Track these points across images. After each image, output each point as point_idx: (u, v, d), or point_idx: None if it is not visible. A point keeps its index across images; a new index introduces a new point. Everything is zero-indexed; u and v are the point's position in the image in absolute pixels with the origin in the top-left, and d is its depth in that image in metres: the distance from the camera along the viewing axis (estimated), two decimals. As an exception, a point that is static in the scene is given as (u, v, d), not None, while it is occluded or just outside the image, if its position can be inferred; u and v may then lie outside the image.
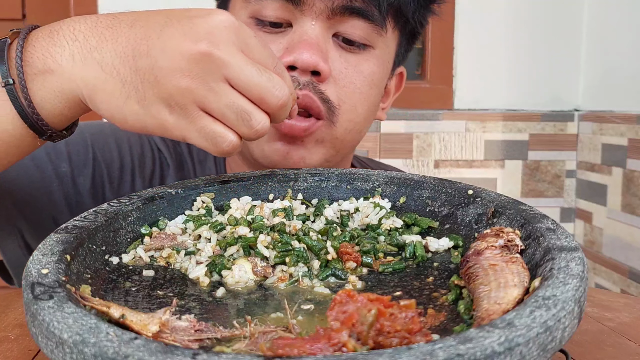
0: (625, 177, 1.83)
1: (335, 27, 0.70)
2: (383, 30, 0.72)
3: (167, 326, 0.35)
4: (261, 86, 0.49)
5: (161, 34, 0.48)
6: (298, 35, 0.69)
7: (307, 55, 0.67)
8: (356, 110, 0.73)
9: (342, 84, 0.71)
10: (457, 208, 0.55)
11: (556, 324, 0.31)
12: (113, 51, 0.49)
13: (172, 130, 0.49)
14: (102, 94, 0.50)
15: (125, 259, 0.48)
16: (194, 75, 0.47)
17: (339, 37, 0.71)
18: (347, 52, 0.72)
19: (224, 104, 0.48)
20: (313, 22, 0.69)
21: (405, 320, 0.33)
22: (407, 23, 0.76)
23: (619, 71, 1.88)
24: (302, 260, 0.48)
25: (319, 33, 0.69)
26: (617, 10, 1.90)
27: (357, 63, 0.72)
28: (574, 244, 0.41)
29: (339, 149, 0.75)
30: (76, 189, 0.75)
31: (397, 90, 0.88)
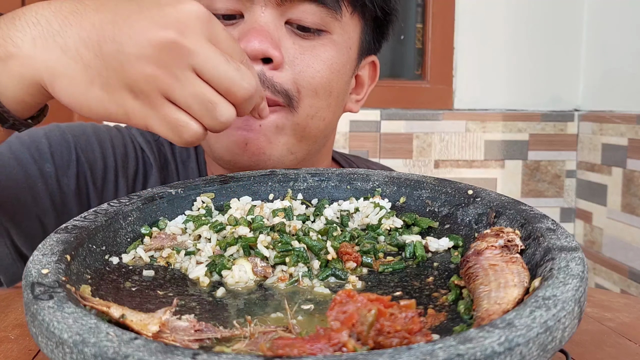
0: (625, 177, 1.83)
1: (287, 14, 0.68)
2: (338, 15, 0.69)
3: (167, 326, 0.35)
4: (228, 76, 0.48)
5: (128, 20, 0.48)
6: (248, 24, 0.67)
7: (255, 43, 0.65)
8: (317, 94, 0.70)
9: (298, 69, 0.68)
10: (457, 208, 0.55)
11: (556, 324, 0.31)
12: (77, 35, 0.48)
13: (135, 118, 0.49)
14: (64, 80, 0.49)
15: (125, 259, 0.48)
16: (160, 62, 0.47)
17: (292, 25, 0.69)
18: (302, 38, 0.69)
19: (188, 93, 0.48)
20: (263, 10, 0.67)
21: (405, 320, 0.33)
22: (365, 7, 0.73)
23: (619, 71, 1.88)
24: (302, 260, 0.48)
25: (269, 20, 0.67)
26: (617, 10, 1.90)
27: (313, 48, 0.70)
28: (574, 244, 0.41)
29: (302, 136, 0.72)
30: (61, 189, 0.75)
31: (372, 81, 0.85)
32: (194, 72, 0.48)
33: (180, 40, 0.47)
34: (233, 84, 0.49)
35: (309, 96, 0.69)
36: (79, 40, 0.48)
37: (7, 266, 0.75)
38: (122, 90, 0.48)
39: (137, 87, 0.47)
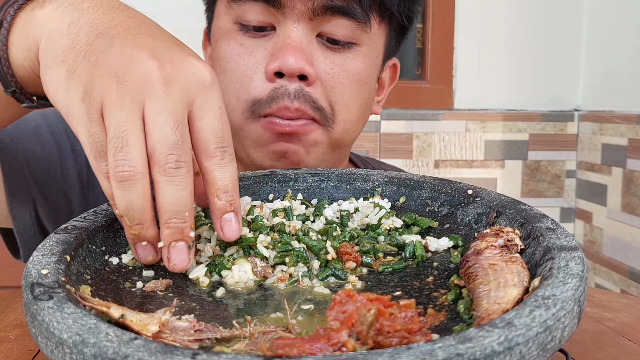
0: (625, 177, 1.83)
1: (318, 28, 0.69)
2: (367, 27, 0.71)
3: (166, 326, 0.35)
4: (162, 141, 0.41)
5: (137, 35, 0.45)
6: (281, 39, 0.68)
7: (292, 61, 0.66)
8: (350, 109, 0.73)
9: (330, 85, 0.70)
10: (456, 208, 0.55)
11: (556, 324, 0.31)
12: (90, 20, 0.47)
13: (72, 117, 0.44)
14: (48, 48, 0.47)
15: (125, 259, 0.48)
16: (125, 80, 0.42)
17: (323, 37, 0.70)
18: (332, 51, 0.71)
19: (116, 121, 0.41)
20: (295, 24, 0.68)
21: (405, 320, 0.33)
22: (392, 17, 0.75)
23: (619, 71, 1.88)
24: (302, 261, 0.48)
25: (302, 35, 0.68)
26: (617, 10, 1.90)
27: (343, 62, 0.71)
28: (574, 243, 0.41)
29: (336, 148, 0.75)
30: (89, 168, 0.77)
31: (391, 82, 0.87)
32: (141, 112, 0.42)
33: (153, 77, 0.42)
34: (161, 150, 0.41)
35: (343, 111, 0.72)
36: (88, 23, 0.47)
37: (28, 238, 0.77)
38: (79, 85, 0.44)
39: (90, 88, 0.43)
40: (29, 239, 0.77)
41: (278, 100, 0.68)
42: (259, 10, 0.69)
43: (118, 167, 0.41)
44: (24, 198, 0.75)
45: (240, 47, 0.71)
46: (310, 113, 0.69)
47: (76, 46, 0.45)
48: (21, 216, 0.76)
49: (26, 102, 0.53)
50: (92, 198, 0.79)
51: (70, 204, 0.78)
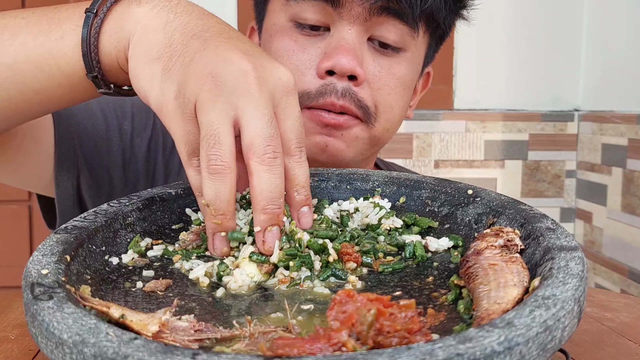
0: (625, 177, 1.83)
1: (370, 31, 0.73)
2: (416, 34, 0.75)
3: (167, 326, 0.35)
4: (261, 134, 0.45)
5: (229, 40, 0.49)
6: (336, 40, 0.72)
7: (345, 61, 0.70)
8: (393, 110, 0.77)
9: (376, 86, 0.74)
10: (457, 208, 0.55)
11: (556, 324, 0.31)
12: (185, 21, 0.50)
13: (165, 114, 0.48)
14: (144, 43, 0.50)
15: (125, 259, 0.48)
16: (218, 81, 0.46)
17: (374, 41, 0.74)
18: (381, 55, 0.75)
19: (209, 120, 0.45)
20: (350, 26, 0.72)
21: (405, 320, 0.33)
22: (438, 27, 0.79)
23: (619, 71, 1.89)
24: (306, 265, 0.47)
25: (355, 38, 0.72)
26: (617, 10, 1.90)
27: (390, 66, 0.75)
28: (574, 243, 0.41)
29: (374, 145, 0.79)
30: (132, 148, 0.82)
31: (423, 89, 0.92)
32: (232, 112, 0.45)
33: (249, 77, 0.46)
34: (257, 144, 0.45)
35: (386, 112, 0.76)
36: (183, 24, 0.50)
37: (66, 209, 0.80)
38: (173, 83, 0.48)
39: (184, 87, 0.47)
40: (67, 209, 0.80)
41: (325, 96, 0.72)
42: (316, 9, 0.72)
43: (211, 161, 0.44)
44: (71, 168, 0.78)
45: (295, 43, 0.75)
46: (354, 110, 0.73)
47: (172, 45, 0.49)
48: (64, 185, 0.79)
49: (104, 89, 0.56)
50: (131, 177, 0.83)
51: (111, 180, 0.82)
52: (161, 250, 0.50)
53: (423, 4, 0.72)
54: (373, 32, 0.73)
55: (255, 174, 0.45)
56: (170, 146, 0.84)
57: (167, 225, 0.55)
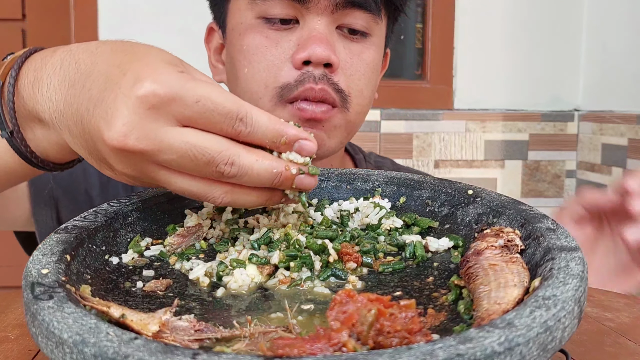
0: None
1: (338, 20, 0.76)
2: (379, 19, 0.79)
3: (167, 326, 0.35)
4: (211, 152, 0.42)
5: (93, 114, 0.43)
6: (307, 32, 0.75)
7: (319, 50, 0.72)
8: (363, 94, 0.80)
9: (349, 72, 0.77)
10: (457, 208, 0.55)
11: (556, 324, 0.31)
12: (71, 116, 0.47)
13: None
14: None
15: (125, 259, 0.48)
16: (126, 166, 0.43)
17: (342, 29, 0.78)
18: (351, 41, 0.78)
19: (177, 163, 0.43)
20: (319, 18, 0.75)
21: (405, 320, 0.33)
22: (396, 10, 0.84)
23: (619, 71, 1.88)
24: (306, 266, 0.47)
25: (325, 28, 0.75)
26: (617, 10, 1.90)
27: (360, 52, 0.79)
28: (574, 243, 0.41)
29: (350, 131, 0.82)
30: None
31: (383, 69, 0.95)
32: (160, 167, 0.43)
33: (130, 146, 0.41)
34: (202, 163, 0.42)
35: (357, 96, 0.79)
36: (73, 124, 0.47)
37: None
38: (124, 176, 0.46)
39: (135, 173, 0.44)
40: None
41: (304, 83, 0.74)
42: (284, 5, 0.75)
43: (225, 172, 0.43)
44: (47, 200, 0.79)
45: (266, 39, 0.76)
46: (331, 95, 0.75)
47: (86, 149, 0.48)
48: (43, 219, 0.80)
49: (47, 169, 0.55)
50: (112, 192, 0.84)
51: (91, 200, 0.82)
52: (158, 251, 0.50)
53: None
54: (341, 21, 0.77)
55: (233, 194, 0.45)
56: None
57: (167, 225, 0.55)
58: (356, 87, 0.78)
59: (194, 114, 0.41)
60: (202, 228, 0.53)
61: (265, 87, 0.76)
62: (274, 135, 0.44)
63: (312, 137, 0.47)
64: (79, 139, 0.45)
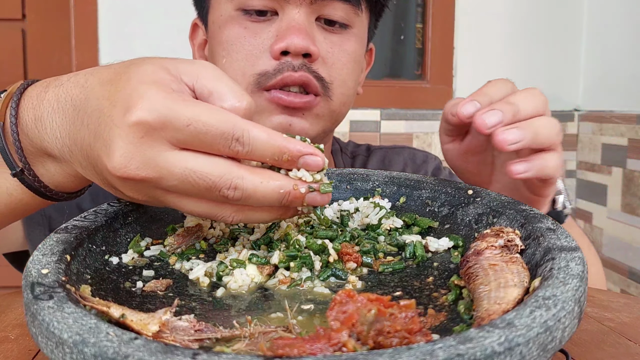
0: (625, 177, 1.83)
1: (317, 11, 0.76)
2: (359, 10, 0.79)
3: (167, 326, 0.35)
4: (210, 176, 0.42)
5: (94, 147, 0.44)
6: (286, 23, 0.74)
7: (297, 40, 0.72)
8: (346, 84, 0.80)
9: (330, 62, 0.77)
10: (457, 208, 0.55)
11: (556, 324, 0.31)
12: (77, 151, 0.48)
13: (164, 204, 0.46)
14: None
15: (125, 259, 0.48)
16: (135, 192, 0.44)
17: (321, 20, 0.77)
18: (330, 32, 0.78)
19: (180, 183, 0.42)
20: (297, 9, 0.75)
21: (405, 320, 0.33)
22: (377, 3, 0.84)
23: (619, 71, 1.88)
24: (306, 266, 0.47)
25: (304, 19, 0.75)
26: (617, 10, 1.90)
27: (341, 42, 0.78)
28: (574, 244, 0.41)
29: (335, 121, 0.82)
30: None
31: (368, 65, 0.95)
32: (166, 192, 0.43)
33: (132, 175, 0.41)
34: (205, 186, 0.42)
35: (340, 86, 0.79)
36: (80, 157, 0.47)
37: None
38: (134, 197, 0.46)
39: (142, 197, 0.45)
40: None
41: (283, 72, 0.74)
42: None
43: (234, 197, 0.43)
44: (39, 218, 0.79)
45: (245, 30, 0.76)
46: (313, 81, 0.75)
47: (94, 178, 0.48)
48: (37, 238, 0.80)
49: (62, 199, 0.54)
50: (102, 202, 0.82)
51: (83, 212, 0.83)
52: (158, 251, 0.50)
53: None
54: (320, 12, 0.76)
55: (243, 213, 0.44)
56: None
57: (167, 225, 0.55)
58: (339, 77, 0.78)
59: (187, 137, 0.41)
60: (202, 228, 0.53)
61: (243, 75, 0.76)
62: (274, 153, 0.43)
63: (319, 151, 0.44)
64: (90, 170, 0.46)
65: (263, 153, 0.43)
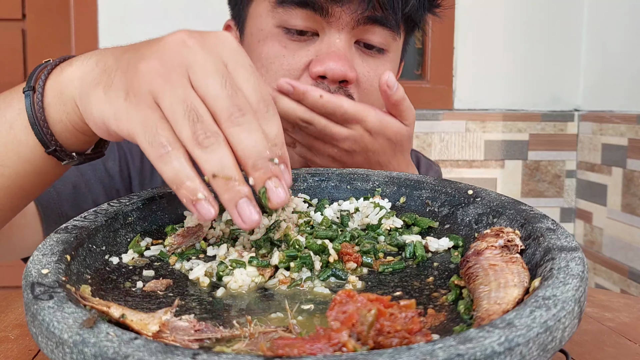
0: (625, 177, 1.83)
1: (357, 35, 0.76)
2: (398, 36, 0.79)
3: (167, 326, 0.35)
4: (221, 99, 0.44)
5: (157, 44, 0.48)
6: (326, 46, 0.75)
7: (336, 67, 0.72)
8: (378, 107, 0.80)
9: (364, 86, 0.78)
10: (457, 208, 0.55)
11: (556, 324, 0.31)
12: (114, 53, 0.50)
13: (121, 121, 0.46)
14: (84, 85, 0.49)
15: (125, 259, 0.48)
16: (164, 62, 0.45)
17: (360, 44, 0.78)
18: (368, 56, 0.78)
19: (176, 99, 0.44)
20: (339, 33, 0.74)
21: (405, 320, 0.33)
22: (414, 27, 0.85)
23: (619, 71, 1.88)
24: (307, 266, 0.47)
25: (345, 44, 0.75)
26: (617, 10, 1.90)
27: (377, 67, 0.79)
28: (574, 244, 0.41)
29: None
30: (107, 172, 0.85)
31: None
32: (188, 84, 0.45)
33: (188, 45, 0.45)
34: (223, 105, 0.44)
35: None
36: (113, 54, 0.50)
37: None
38: (119, 90, 0.46)
39: (132, 86, 0.45)
40: None
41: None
42: (305, 16, 0.74)
43: (201, 135, 0.43)
44: (57, 218, 0.79)
45: (285, 49, 0.76)
46: None
47: (107, 69, 0.49)
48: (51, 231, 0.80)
49: (66, 160, 0.56)
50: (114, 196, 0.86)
51: None
52: (158, 251, 0.50)
53: (404, 8, 0.76)
54: (360, 36, 0.77)
55: (231, 137, 0.43)
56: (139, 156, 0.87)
57: (167, 225, 0.55)
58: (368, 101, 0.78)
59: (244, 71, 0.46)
60: (202, 228, 0.53)
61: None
62: None
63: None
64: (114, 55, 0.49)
65: None
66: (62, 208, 0.80)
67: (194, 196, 0.43)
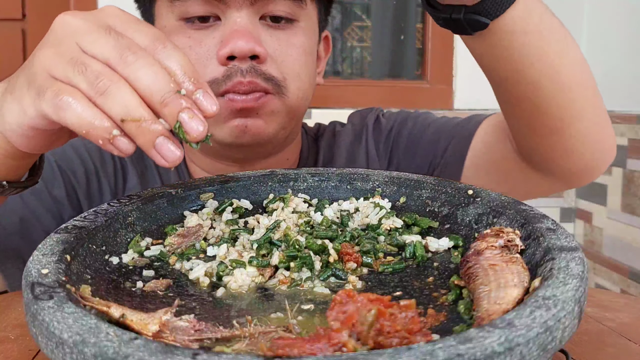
0: (625, 177, 1.83)
1: (260, 11, 0.75)
2: (303, 4, 0.78)
3: (167, 326, 0.35)
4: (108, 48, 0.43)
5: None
6: (229, 27, 0.73)
7: (242, 43, 0.71)
8: (301, 78, 0.78)
9: (279, 59, 0.76)
10: (457, 208, 0.55)
11: (556, 324, 0.31)
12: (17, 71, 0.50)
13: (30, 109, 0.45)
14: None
15: (125, 259, 0.48)
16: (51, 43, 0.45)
17: (266, 18, 0.76)
18: (277, 29, 0.77)
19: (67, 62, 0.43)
20: (239, 11, 0.73)
21: (405, 320, 0.33)
22: None
23: (619, 71, 1.88)
24: (306, 266, 0.47)
25: (247, 20, 0.73)
26: (617, 10, 1.90)
27: (288, 38, 0.77)
28: (574, 244, 0.41)
29: (293, 116, 0.80)
30: (55, 199, 0.80)
31: (326, 54, 0.93)
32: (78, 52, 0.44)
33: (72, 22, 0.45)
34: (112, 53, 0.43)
35: (294, 81, 0.77)
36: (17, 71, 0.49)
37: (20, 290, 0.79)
38: (22, 87, 0.46)
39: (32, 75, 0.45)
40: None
41: (232, 78, 0.73)
42: (201, 2, 0.73)
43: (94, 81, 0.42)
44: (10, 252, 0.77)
45: (189, 39, 0.75)
46: (262, 84, 0.73)
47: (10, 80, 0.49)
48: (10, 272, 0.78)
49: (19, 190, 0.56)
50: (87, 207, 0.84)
51: None
52: (158, 251, 0.50)
53: None
54: (263, 10, 0.75)
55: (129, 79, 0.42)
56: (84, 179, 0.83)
57: (167, 225, 0.55)
58: (291, 72, 0.77)
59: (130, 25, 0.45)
60: (202, 228, 0.53)
61: None
62: None
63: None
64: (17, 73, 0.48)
65: None
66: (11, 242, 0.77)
67: (109, 134, 0.41)
